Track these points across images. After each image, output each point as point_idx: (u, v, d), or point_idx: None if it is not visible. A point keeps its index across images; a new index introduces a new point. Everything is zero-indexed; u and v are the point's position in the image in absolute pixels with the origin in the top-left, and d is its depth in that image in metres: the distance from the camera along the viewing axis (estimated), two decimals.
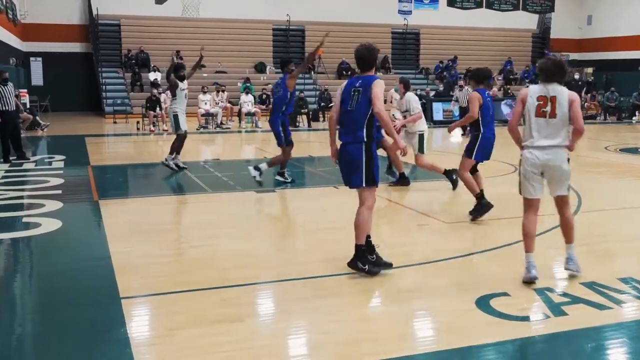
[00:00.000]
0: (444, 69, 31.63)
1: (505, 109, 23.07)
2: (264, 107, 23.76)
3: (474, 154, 7.77)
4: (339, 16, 31.75)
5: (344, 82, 5.81)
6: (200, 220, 7.97)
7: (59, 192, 9.69)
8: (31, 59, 28.58)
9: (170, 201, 9.48)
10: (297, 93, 14.83)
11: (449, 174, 9.81)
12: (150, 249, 6.57)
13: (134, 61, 28.43)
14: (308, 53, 12.67)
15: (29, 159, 13.39)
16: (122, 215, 8.26)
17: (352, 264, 5.68)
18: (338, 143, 5.78)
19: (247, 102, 22.75)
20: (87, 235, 7.44)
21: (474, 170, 8.15)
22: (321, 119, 25.01)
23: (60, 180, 10.71)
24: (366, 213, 5.60)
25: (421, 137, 9.76)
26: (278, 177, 10.64)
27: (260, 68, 30.76)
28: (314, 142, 18.06)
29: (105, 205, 8.75)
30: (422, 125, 9.79)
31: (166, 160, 11.90)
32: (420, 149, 9.77)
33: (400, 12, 33.59)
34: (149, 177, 12.10)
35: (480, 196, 7.92)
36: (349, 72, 30.16)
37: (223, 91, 23.49)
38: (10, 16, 23.05)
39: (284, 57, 31.03)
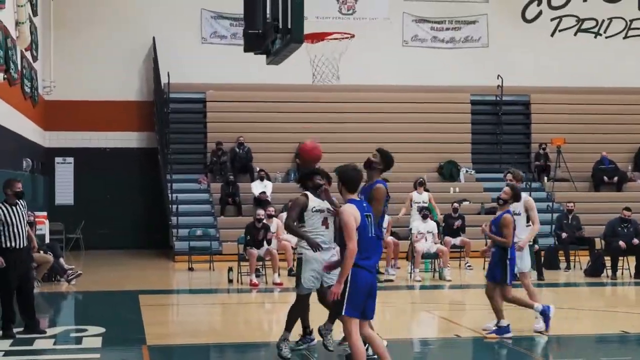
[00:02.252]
0: None
1: None
2: (454, 242, 23.72)
3: None
4: (588, 78, 32.40)
5: (348, 205, 9.47)
6: None
7: None
8: (56, 160, 30.73)
9: None
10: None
11: None
12: None
13: (226, 161, 29.57)
14: None
15: (45, 332, 13.83)
16: None
17: None
18: None
19: (426, 234, 22.68)
20: None
21: None
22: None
23: None
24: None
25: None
26: None
27: (449, 171, 31.04)
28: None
29: None
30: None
31: (279, 347, 11.63)
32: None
33: None
34: None
35: None
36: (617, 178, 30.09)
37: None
38: (28, 91, 24.99)
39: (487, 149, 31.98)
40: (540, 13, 33.49)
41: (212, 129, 31.05)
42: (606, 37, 33.77)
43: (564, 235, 23.94)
